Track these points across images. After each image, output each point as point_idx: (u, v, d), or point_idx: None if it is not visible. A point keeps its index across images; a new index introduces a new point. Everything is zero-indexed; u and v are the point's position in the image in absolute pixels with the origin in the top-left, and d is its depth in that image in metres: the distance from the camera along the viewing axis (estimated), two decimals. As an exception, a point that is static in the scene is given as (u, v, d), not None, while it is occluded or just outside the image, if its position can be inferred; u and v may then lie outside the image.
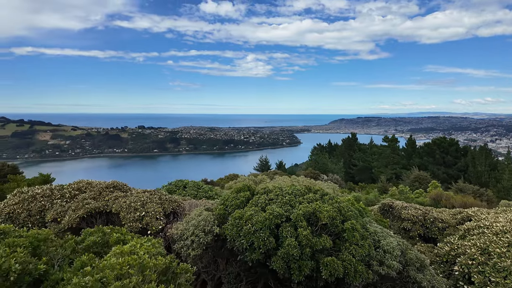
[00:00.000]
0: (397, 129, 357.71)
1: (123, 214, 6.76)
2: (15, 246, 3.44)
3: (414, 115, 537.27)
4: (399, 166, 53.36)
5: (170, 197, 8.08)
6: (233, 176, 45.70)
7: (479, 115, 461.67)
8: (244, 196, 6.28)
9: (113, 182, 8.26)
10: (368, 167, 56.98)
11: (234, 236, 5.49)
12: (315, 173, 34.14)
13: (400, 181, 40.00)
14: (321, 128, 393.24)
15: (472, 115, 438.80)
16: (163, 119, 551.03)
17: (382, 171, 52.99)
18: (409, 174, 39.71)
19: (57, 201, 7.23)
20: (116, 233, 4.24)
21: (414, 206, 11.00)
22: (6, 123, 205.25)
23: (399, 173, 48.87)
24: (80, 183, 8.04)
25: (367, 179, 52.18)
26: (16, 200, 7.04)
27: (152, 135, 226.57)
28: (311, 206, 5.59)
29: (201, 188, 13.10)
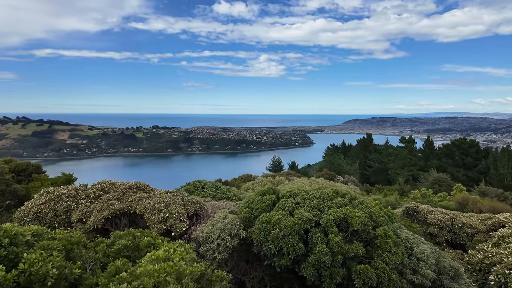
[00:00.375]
0: (413, 129, 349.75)
1: (147, 216, 6.74)
2: (50, 249, 3.41)
3: (431, 116, 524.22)
4: (416, 167, 52.06)
5: (192, 198, 8.03)
6: (247, 176, 45.56)
7: (500, 115, 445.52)
8: (269, 199, 6.13)
9: (136, 183, 8.28)
10: (384, 168, 55.85)
11: (261, 241, 5.35)
12: (330, 174, 33.64)
13: (418, 183, 38.96)
14: (334, 129, 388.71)
15: (492, 115, 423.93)
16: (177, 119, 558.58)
17: (398, 173, 51.84)
18: (427, 176, 38.63)
19: (82, 202, 7.29)
20: (146, 237, 4.16)
21: (440, 211, 10.58)
22: (27, 123, 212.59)
23: (416, 175, 47.67)
24: (103, 184, 8.10)
25: (382, 181, 51.15)
26: (43, 200, 7.13)
27: (166, 135, 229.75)
28: (342, 211, 5.38)
29: (219, 189, 13.02)
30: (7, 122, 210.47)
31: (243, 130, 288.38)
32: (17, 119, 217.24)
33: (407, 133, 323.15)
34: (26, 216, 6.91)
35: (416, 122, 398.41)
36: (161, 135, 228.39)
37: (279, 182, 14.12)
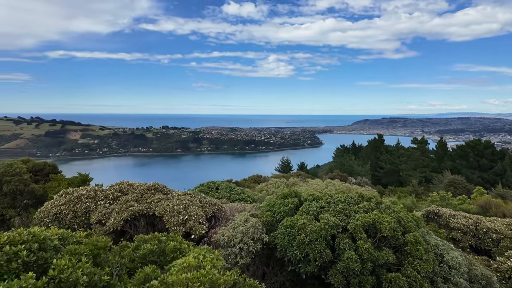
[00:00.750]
0: (424, 130, 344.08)
1: (166, 218, 6.65)
2: (77, 254, 3.32)
3: (443, 116, 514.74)
4: (429, 169, 51.11)
5: (209, 200, 7.92)
6: (257, 177, 45.42)
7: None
8: (292, 203, 5.96)
9: (154, 184, 8.22)
10: (396, 169, 54.98)
11: (285, 246, 5.19)
12: (342, 175, 33.21)
13: (431, 185, 38.19)
14: (343, 129, 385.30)
15: (506, 116, 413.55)
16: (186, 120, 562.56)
17: (410, 174, 50.98)
18: (441, 178, 37.79)
19: (101, 203, 7.26)
20: (172, 241, 4.04)
21: (463, 215, 10.22)
22: (40, 123, 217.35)
23: (429, 176, 46.78)
24: (121, 185, 8.06)
25: (394, 182, 50.36)
26: (62, 201, 7.13)
27: (176, 135, 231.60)
28: (370, 216, 5.17)
29: (233, 190, 12.91)
30: (21, 122, 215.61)
31: (252, 131, 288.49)
32: (31, 119, 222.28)
33: (418, 134, 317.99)
34: (46, 217, 6.91)
35: (428, 122, 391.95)
36: (170, 135, 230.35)
37: (293, 183, 13.91)
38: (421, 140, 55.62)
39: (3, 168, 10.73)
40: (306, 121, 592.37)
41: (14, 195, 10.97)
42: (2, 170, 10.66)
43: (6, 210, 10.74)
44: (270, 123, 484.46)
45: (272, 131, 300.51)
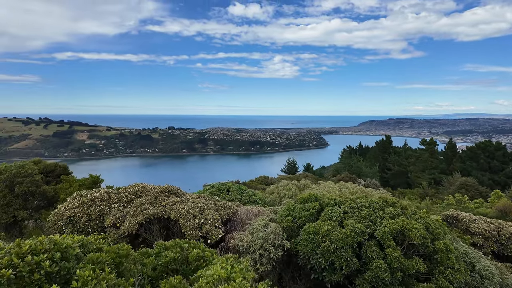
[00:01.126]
0: (432, 131, 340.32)
1: (182, 221, 6.48)
2: (100, 263, 3.15)
3: (450, 117, 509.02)
4: (438, 171, 50.35)
5: (224, 203, 7.74)
6: (264, 178, 45.21)
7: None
8: (313, 207, 5.73)
9: (168, 187, 8.07)
10: (404, 171, 54.30)
11: (308, 253, 4.97)
12: (351, 177, 32.83)
13: (441, 187, 37.56)
14: (349, 130, 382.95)
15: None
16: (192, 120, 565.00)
17: (419, 176, 50.33)
18: (452, 180, 37.12)
19: (115, 206, 7.13)
20: (194, 248, 3.86)
21: (483, 219, 9.88)
22: (49, 124, 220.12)
23: (438, 178, 46.08)
24: (135, 187, 7.93)
25: (402, 184, 49.75)
26: (76, 203, 7.01)
27: (181, 136, 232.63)
28: (398, 223, 4.93)
29: (245, 192, 12.70)
30: (30, 123, 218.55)
31: (257, 131, 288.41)
32: (39, 120, 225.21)
33: (425, 135, 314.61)
34: (59, 220, 6.80)
35: (435, 123, 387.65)
36: (176, 136, 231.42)
37: (305, 186, 13.67)
38: (430, 142, 54.89)
39: (15, 169, 10.71)
40: (312, 122, 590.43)
41: (26, 196, 10.94)
42: (14, 171, 10.63)
43: (18, 211, 10.70)
44: (275, 124, 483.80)
45: (278, 132, 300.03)
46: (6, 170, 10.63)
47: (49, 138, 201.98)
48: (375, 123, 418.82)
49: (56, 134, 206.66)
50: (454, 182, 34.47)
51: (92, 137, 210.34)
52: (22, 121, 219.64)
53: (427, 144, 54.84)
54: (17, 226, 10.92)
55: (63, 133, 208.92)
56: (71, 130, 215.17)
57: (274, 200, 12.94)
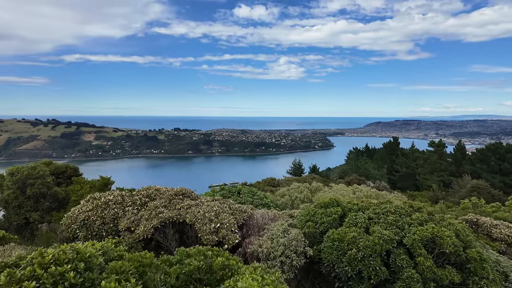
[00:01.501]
0: (439, 133, 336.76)
1: (198, 226, 6.30)
2: (123, 272, 2.98)
3: (458, 118, 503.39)
4: (447, 173, 49.55)
5: (239, 206, 7.56)
6: (271, 180, 44.87)
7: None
8: (335, 213, 5.51)
9: (181, 189, 7.91)
10: (412, 173, 53.55)
11: (333, 261, 4.75)
12: (360, 179, 32.41)
13: (450, 190, 36.93)
14: (355, 131, 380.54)
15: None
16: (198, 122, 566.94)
17: (427, 178, 49.57)
18: (462, 182, 36.42)
19: (129, 209, 6.99)
20: (219, 256, 3.68)
21: (505, 224, 9.53)
22: (56, 125, 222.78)
23: (447, 180, 45.36)
24: (149, 190, 7.78)
25: (410, 186, 49.07)
26: (90, 206, 6.88)
27: (187, 137, 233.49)
28: (428, 230, 4.68)
29: (256, 195, 12.50)
30: (38, 124, 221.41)
31: (262, 133, 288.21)
32: (48, 121, 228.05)
33: (432, 136, 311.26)
34: (73, 223, 6.68)
35: (442, 125, 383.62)
36: (182, 137, 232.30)
37: (317, 189, 13.42)
38: (439, 143, 54.13)
39: (27, 171, 10.67)
40: (317, 123, 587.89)
41: (37, 198, 10.89)
42: (26, 173, 10.59)
43: (29, 213, 10.65)
44: (280, 125, 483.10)
45: (283, 133, 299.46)
46: (18, 172, 10.59)
47: (57, 139, 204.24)
48: (381, 125, 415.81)
49: (64, 135, 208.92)
50: (465, 185, 33.79)
51: (99, 138, 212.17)
52: (30, 122, 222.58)
53: (435, 146, 54.08)
54: (28, 228, 10.87)
55: (71, 134, 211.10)
56: (79, 131, 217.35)
57: (286, 203, 12.72)
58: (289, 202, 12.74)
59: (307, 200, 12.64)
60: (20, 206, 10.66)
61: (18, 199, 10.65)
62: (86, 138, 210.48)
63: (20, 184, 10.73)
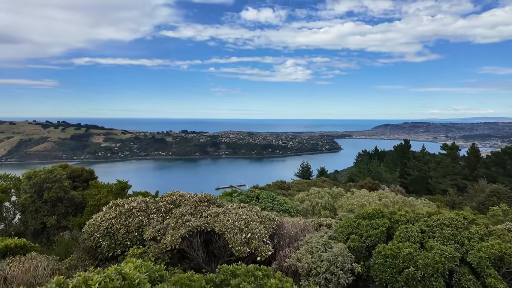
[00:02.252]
0: (448, 135, 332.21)
1: (229, 236, 5.90)
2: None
3: (468, 121, 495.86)
4: (460, 176, 48.41)
5: (267, 214, 7.14)
6: (281, 183, 44.33)
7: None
8: (382, 225, 5.05)
9: (206, 196, 7.53)
10: (424, 177, 52.53)
11: (387, 280, 4.29)
12: (374, 183, 31.66)
13: (465, 194, 35.94)
14: (363, 134, 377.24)
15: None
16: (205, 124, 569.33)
17: (440, 182, 48.58)
18: (478, 186, 35.35)
19: (154, 216, 6.64)
20: (270, 278, 3.26)
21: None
22: (66, 127, 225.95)
23: (461, 184, 44.28)
24: (173, 196, 7.42)
25: (422, 190, 48.07)
26: (113, 214, 6.54)
27: (194, 139, 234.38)
28: (494, 246, 4.19)
29: (276, 200, 12.07)
30: (49, 126, 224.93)
31: (269, 135, 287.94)
32: (58, 123, 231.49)
33: (442, 139, 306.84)
34: (96, 231, 6.34)
35: (452, 127, 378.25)
36: (189, 139, 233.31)
37: (338, 194, 12.93)
38: (452, 146, 53.00)
39: (44, 175, 10.44)
40: (324, 125, 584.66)
41: (54, 202, 10.65)
42: (43, 176, 10.36)
43: (46, 217, 10.41)
44: (287, 127, 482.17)
45: (290, 135, 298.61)
46: (36, 175, 10.37)
47: (67, 141, 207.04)
48: (390, 127, 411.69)
49: (73, 137, 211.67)
50: (482, 189, 32.76)
51: (108, 140, 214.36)
52: (41, 125, 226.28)
53: (448, 149, 52.96)
54: (45, 233, 10.63)
55: (80, 136, 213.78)
56: (88, 133, 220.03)
57: (307, 209, 12.26)
58: (310, 208, 12.27)
59: (329, 206, 12.16)
60: (37, 211, 10.42)
61: (35, 203, 10.42)
62: (95, 140, 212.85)
63: (37, 188, 10.50)
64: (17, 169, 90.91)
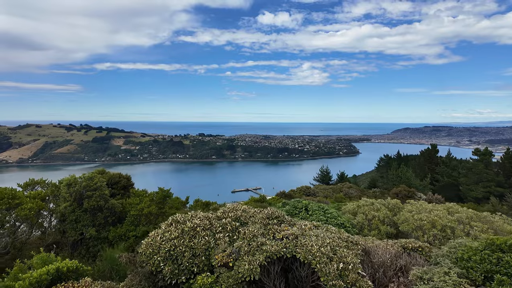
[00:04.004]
0: (472, 140, 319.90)
1: (319, 266, 4.85)
2: None
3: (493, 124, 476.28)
4: (494, 184, 45.57)
5: (348, 236, 6.06)
6: (306, 188, 43.04)
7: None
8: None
9: (273, 212, 6.51)
10: (455, 183, 49.94)
11: None
12: (409, 190, 29.83)
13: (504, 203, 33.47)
14: (382, 138, 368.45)
15: None
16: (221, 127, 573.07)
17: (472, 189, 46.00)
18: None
19: (220, 236, 5.69)
20: None
21: None
22: (89, 130, 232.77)
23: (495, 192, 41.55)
24: (236, 211, 6.43)
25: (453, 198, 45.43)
26: (175, 233, 5.63)
27: (211, 142, 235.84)
28: None
29: (328, 212, 10.90)
30: (72, 129, 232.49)
31: (285, 138, 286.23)
32: (81, 126, 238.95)
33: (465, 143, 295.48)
34: (156, 254, 5.44)
35: (476, 131, 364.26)
36: (206, 142, 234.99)
37: (395, 206, 11.62)
38: (485, 151, 50.16)
39: (85, 182, 9.77)
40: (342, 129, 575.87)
41: (94, 211, 9.96)
42: (84, 184, 9.69)
43: (86, 228, 9.72)
44: (303, 131, 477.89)
45: (306, 139, 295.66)
46: (76, 183, 9.71)
47: (89, 144, 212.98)
48: (410, 131, 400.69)
49: (95, 139, 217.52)
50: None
51: (128, 143, 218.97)
52: (65, 127, 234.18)
53: (481, 154, 50.19)
54: (84, 244, 9.95)
55: (101, 139, 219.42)
56: (109, 136, 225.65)
57: (362, 223, 11.03)
58: (365, 222, 11.03)
59: (387, 221, 10.88)
60: (77, 220, 9.74)
61: (75, 212, 9.75)
62: (116, 143, 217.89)
63: (77, 196, 9.84)
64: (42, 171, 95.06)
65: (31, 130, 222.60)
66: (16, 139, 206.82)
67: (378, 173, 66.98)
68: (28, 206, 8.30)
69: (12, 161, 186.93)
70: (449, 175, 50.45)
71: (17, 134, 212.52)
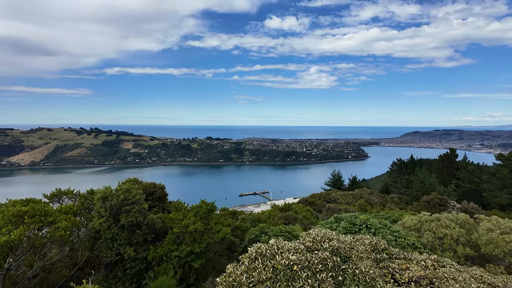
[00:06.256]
0: (484, 143, 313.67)
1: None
2: None
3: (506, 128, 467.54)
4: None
5: (490, 276, 4.70)
6: (326, 194, 41.44)
7: None
8: None
9: (377, 242, 5.16)
10: (477, 189, 47.91)
11: None
12: (442, 199, 28.00)
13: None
14: (391, 141, 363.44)
15: None
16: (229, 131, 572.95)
17: (496, 195, 43.89)
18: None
19: (322, 277, 4.37)
20: None
21: None
22: (98, 133, 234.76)
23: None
24: (323, 242, 5.07)
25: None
26: (266, 273, 4.34)
27: (219, 146, 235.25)
28: None
29: (394, 230, 9.48)
30: (82, 133, 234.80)
31: (293, 142, 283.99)
32: (91, 130, 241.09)
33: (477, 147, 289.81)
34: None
35: (488, 135, 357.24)
36: (214, 146, 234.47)
37: (465, 222, 10.16)
38: (509, 156, 47.99)
39: (122, 195, 8.57)
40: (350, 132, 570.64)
41: (132, 228, 8.75)
42: (121, 197, 8.50)
43: (123, 247, 8.50)
44: (311, 134, 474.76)
45: (314, 142, 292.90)
46: (113, 197, 8.51)
47: (99, 147, 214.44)
48: (419, 135, 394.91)
49: (105, 143, 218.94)
50: None
51: (137, 146, 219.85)
52: (76, 131, 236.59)
53: (505, 159, 48.00)
54: (120, 266, 8.71)
55: (111, 142, 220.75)
56: (118, 139, 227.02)
57: (432, 242, 9.60)
58: (436, 242, 9.60)
59: (463, 240, 9.43)
60: (113, 239, 8.53)
61: (111, 229, 8.54)
62: (125, 146, 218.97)
63: (114, 211, 8.63)
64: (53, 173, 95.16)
65: (42, 133, 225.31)
66: (28, 143, 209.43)
67: (391, 178, 64.88)
68: (63, 225, 7.12)
69: (24, 164, 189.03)
70: (471, 180, 48.48)
71: (29, 138, 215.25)
